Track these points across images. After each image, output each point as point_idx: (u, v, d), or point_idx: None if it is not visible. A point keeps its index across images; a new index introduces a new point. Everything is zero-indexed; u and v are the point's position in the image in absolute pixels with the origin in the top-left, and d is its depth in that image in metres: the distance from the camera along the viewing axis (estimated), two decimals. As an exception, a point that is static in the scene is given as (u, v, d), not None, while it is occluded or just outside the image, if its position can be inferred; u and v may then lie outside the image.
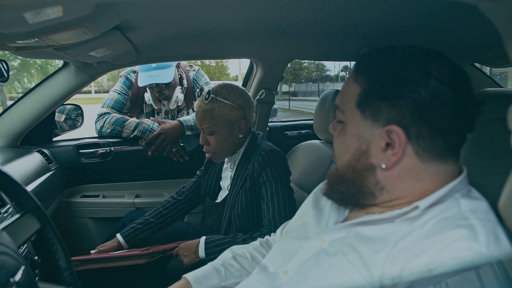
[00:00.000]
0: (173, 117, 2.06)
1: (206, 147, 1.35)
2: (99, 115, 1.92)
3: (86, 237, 1.90)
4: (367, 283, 0.59)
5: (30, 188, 1.36)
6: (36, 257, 0.78)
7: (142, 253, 1.22)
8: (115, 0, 0.81)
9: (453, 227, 0.55)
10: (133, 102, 2.00)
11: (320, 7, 1.04)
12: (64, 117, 1.91)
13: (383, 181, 0.64)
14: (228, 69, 33.51)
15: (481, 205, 0.59)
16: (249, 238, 1.20)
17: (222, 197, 1.42)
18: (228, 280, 0.88)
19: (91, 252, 1.37)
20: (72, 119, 1.93)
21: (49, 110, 1.67)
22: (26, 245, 0.90)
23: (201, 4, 0.99)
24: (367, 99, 0.63)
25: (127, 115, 1.98)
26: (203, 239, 1.24)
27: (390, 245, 0.59)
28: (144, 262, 1.21)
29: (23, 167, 1.42)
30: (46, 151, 1.72)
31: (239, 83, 1.66)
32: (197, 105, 1.33)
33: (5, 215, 0.95)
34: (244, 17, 1.17)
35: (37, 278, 0.81)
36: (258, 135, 1.40)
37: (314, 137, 1.79)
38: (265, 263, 0.81)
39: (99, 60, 1.32)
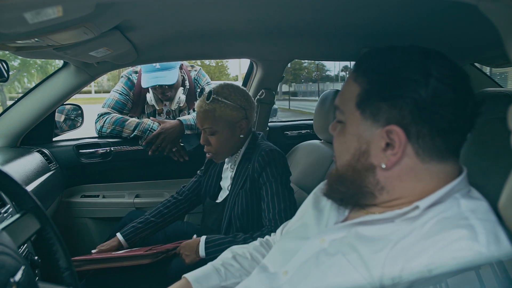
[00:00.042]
0: (174, 117, 2.05)
1: (207, 147, 1.35)
2: (99, 115, 1.92)
3: (86, 237, 1.90)
4: (367, 283, 0.59)
5: (30, 188, 1.36)
6: (36, 257, 0.78)
7: (146, 253, 1.22)
8: (115, 0, 0.82)
9: (453, 227, 0.55)
10: (134, 102, 1.99)
11: (320, 7, 1.04)
12: (64, 117, 1.90)
13: (383, 181, 0.64)
14: (228, 69, 33.59)
15: (481, 205, 0.59)
16: (249, 237, 1.20)
17: (222, 197, 1.42)
18: (228, 280, 0.88)
19: (92, 252, 1.37)
20: (72, 119, 1.93)
21: (49, 110, 1.67)
22: (26, 245, 0.90)
23: (201, 4, 0.99)
24: (367, 99, 0.63)
25: (128, 116, 1.97)
26: (203, 238, 1.24)
27: (390, 245, 0.59)
28: (148, 262, 1.21)
29: (23, 167, 1.42)
30: (46, 151, 1.72)
31: (239, 83, 1.65)
32: (198, 105, 1.32)
33: (5, 215, 0.95)
34: (244, 17, 1.17)
35: (37, 278, 0.81)
36: (258, 135, 1.40)
37: (314, 137, 1.79)
38: (265, 263, 0.81)
39: (99, 60, 1.32)
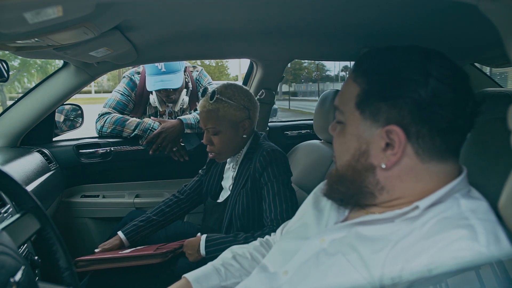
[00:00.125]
0: (175, 118, 2.06)
1: (209, 147, 1.34)
2: (100, 114, 1.92)
3: (86, 237, 1.90)
4: (367, 283, 0.59)
5: (30, 188, 1.36)
6: (36, 257, 0.78)
7: (155, 253, 1.21)
8: (115, 0, 0.82)
9: (453, 227, 0.55)
10: (136, 103, 1.99)
11: (320, 7, 1.04)
12: (63, 117, 1.90)
13: (383, 181, 0.64)
14: (228, 69, 33.56)
15: (481, 205, 0.59)
16: (250, 237, 1.20)
17: (223, 197, 1.42)
18: (228, 280, 0.88)
19: (96, 251, 1.36)
20: (71, 120, 1.93)
21: (49, 110, 1.67)
22: (26, 245, 0.90)
23: (201, 4, 0.99)
24: (366, 99, 0.63)
25: (130, 116, 1.97)
26: (203, 237, 1.24)
27: (390, 245, 0.59)
28: (157, 261, 1.21)
29: (23, 167, 1.42)
30: (46, 151, 1.72)
31: (239, 83, 1.66)
32: (201, 105, 1.32)
33: (5, 215, 0.95)
34: (244, 17, 1.17)
35: (37, 278, 0.81)
36: (260, 135, 1.40)
37: (314, 137, 1.79)
38: (265, 263, 0.81)
39: (99, 60, 1.32)
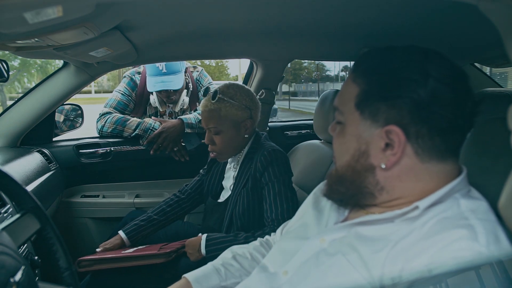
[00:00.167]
0: (176, 118, 2.06)
1: (211, 147, 1.34)
2: (101, 114, 1.92)
3: (86, 237, 1.90)
4: (367, 283, 0.59)
5: (30, 188, 1.36)
6: (36, 257, 0.78)
7: (159, 253, 1.21)
8: (115, 0, 0.82)
9: (453, 227, 0.55)
10: (136, 103, 1.99)
11: (320, 7, 1.04)
12: (63, 117, 1.91)
13: (382, 181, 0.64)
14: (228, 69, 33.58)
15: (481, 205, 0.59)
16: (251, 236, 1.20)
17: (224, 197, 1.42)
18: (228, 280, 0.88)
19: (97, 250, 1.35)
20: (71, 119, 1.93)
21: (49, 110, 1.67)
22: (26, 245, 0.90)
23: (201, 4, 0.99)
24: (366, 99, 0.63)
25: (130, 116, 1.97)
26: (204, 236, 1.24)
27: (390, 245, 0.59)
28: (161, 261, 1.21)
29: (23, 167, 1.42)
30: (46, 151, 1.72)
31: (241, 83, 1.66)
32: (203, 105, 1.32)
33: (5, 215, 0.95)
34: (244, 17, 1.17)
35: (37, 278, 0.81)
36: (262, 135, 1.40)
37: (314, 137, 1.79)
38: (265, 263, 0.81)
39: (99, 60, 1.32)
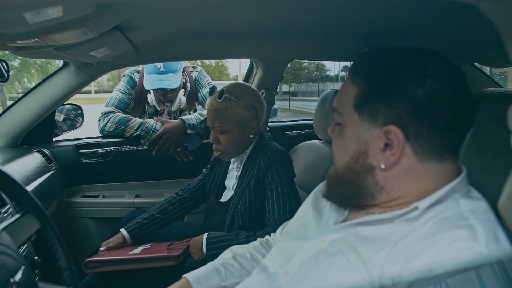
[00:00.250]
0: (175, 118, 2.06)
1: (215, 146, 1.34)
2: (103, 113, 1.92)
3: (86, 237, 1.90)
4: (366, 283, 0.59)
5: (30, 188, 1.36)
6: (36, 257, 0.78)
7: (168, 255, 1.22)
8: (115, 0, 0.82)
9: (453, 227, 0.55)
10: (136, 102, 2.01)
11: (320, 7, 1.04)
12: (63, 117, 1.91)
13: (382, 181, 0.64)
14: (228, 69, 33.59)
15: (481, 205, 0.59)
16: (252, 236, 1.20)
17: (226, 197, 1.42)
18: (228, 280, 0.88)
19: (101, 249, 1.34)
20: (71, 119, 1.94)
21: (49, 110, 1.67)
22: (26, 245, 0.90)
23: (201, 4, 0.99)
24: (364, 100, 0.63)
25: (131, 115, 1.98)
26: (205, 235, 1.24)
27: (389, 246, 0.59)
28: (171, 264, 1.21)
29: (23, 167, 1.42)
30: (46, 151, 1.72)
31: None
32: (209, 104, 1.32)
33: (5, 215, 0.95)
34: (244, 17, 1.17)
35: (37, 278, 0.81)
36: (265, 136, 1.40)
37: (314, 137, 1.79)
38: (265, 263, 0.81)
39: (99, 60, 1.32)
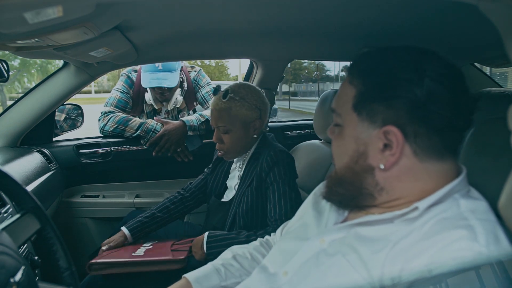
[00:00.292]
0: (173, 117, 2.07)
1: (219, 145, 1.35)
2: (103, 113, 1.92)
3: (86, 237, 1.90)
4: (366, 284, 0.59)
5: (30, 188, 1.36)
6: (36, 257, 0.78)
7: (174, 259, 1.21)
8: (115, 0, 0.82)
9: (453, 228, 0.55)
10: (134, 101, 2.01)
11: (320, 7, 1.04)
12: (64, 116, 1.91)
13: (382, 182, 0.64)
14: (228, 69, 33.57)
15: (481, 205, 0.59)
16: (252, 235, 1.20)
17: (228, 197, 1.42)
18: (228, 280, 0.88)
19: (103, 248, 1.33)
20: (72, 119, 1.94)
21: (49, 110, 1.67)
22: (26, 245, 0.90)
23: (201, 4, 0.99)
24: (363, 100, 0.64)
25: (130, 114, 1.98)
26: (206, 233, 1.25)
27: (389, 246, 0.59)
28: (177, 267, 1.21)
29: (23, 167, 1.42)
30: (46, 151, 1.72)
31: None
32: (213, 103, 1.32)
33: (5, 215, 0.95)
34: (244, 17, 1.17)
35: (37, 278, 0.81)
36: (268, 136, 1.41)
37: (314, 137, 1.79)
38: (265, 263, 0.81)
39: (99, 60, 1.32)
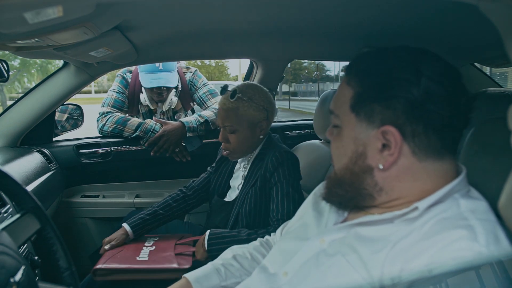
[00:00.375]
0: (168, 118, 2.09)
1: (224, 145, 1.35)
2: (101, 113, 1.93)
3: (86, 237, 1.90)
4: (366, 284, 0.59)
5: (30, 188, 1.36)
6: (36, 257, 0.78)
7: (180, 268, 1.20)
8: (115, 0, 0.82)
9: (453, 228, 0.55)
10: (130, 101, 2.02)
11: (320, 7, 1.04)
12: (66, 116, 1.92)
13: (381, 182, 0.64)
14: (228, 69, 33.54)
15: (481, 205, 0.59)
16: (253, 233, 1.20)
17: (231, 196, 1.42)
18: (228, 280, 0.88)
19: (105, 247, 1.32)
20: (71, 119, 1.94)
21: (49, 110, 1.67)
22: (26, 245, 0.90)
23: (201, 4, 0.99)
24: (360, 101, 0.64)
25: (128, 114, 1.99)
26: (208, 232, 1.25)
27: (389, 246, 0.59)
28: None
29: (23, 167, 1.42)
30: (46, 151, 1.72)
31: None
32: (221, 103, 1.33)
33: (5, 215, 0.95)
34: (244, 17, 1.17)
35: (37, 278, 0.81)
36: (274, 137, 1.41)
37: (314, 137, 1.79)
38: (265, 263, 0.81)
39: (99, 60, 1.32)
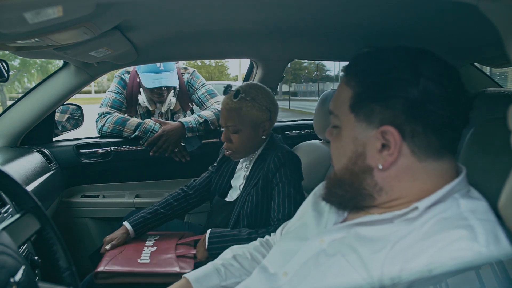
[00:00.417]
0: (167, 118, 2.09)
1: (227, 145, 1.35)
2: (100, 114, 1.93)
3: (86, 237, 1.90)
4: (366, 284, 0.59)
5: (30, 188, 1.36)
6: (36, 257, 0.78)
7: (181, 272, 1.18)
8: (115, 0, 0.82)
9: (453, 227, 0.55)
10: (128, 101, 2.02)
11: (320, 7, 1.04)
12: (67, 116, 1.92)
13: (381, 182, 0.64)
14: (228, 69, 33.56)
15: (481, 205, 0.59)
16: (254, 233, 1.21)
17: (232, 196, 1.42)
18: (228, 279, 0.88)
19: (106, 247, 1.32)
20: (71, 119, 1.94)
21: (49, 110, 1.67)
22: (26, 245, 0.90)
23: (201, 4, 0.99)
24: (359, 101, 0.64)
25: (127, 114, 1.99)
26: (208, 231, 1.25)
27: (389, 246, 0.59)
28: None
29: (23, 167, 1.42)
30: (46, 151, 1.72)
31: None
32: (224, 103, 1.33)
33: (5, 215, 0.95)
34: (244, 17, 1.17)
35: (37, 278, 0.81)
36: (276, 138, 1.41)
37: (314, 137, 1.79)
38: (265, 263, 0.81)
39: (99, 60, 1.32)
